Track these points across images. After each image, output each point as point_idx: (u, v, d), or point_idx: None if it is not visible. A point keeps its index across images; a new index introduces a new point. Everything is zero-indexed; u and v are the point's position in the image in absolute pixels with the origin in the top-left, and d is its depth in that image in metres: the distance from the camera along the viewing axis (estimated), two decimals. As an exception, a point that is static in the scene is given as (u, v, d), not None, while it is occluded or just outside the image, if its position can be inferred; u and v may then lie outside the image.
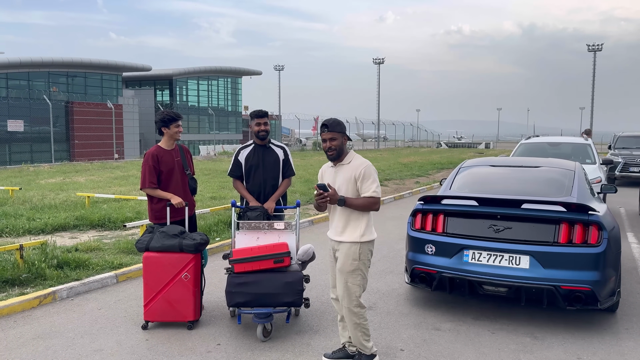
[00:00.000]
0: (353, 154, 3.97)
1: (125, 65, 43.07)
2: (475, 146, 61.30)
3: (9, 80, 36.18)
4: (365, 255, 3.83)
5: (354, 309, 3.82)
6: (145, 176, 4.96)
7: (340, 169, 3.91)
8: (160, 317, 4.69)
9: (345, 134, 3.92)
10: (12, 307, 5.01)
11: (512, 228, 4.80)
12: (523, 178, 5.68)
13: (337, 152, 3.87)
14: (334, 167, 3.96)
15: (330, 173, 3.99)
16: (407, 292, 5.77)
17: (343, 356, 4.07)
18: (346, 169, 3.88)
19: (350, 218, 3.83)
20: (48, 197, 11.84)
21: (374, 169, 3.90)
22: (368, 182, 3.80)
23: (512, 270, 4.68)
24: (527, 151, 11.39)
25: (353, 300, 3.81)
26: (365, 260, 3.84)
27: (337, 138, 3.85)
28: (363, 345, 3.89)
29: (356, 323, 3.84)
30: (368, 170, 3.82)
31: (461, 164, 6.37)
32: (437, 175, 20.73)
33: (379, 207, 3.83)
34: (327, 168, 4.04)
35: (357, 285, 3.82)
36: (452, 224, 5.03)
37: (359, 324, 3.84)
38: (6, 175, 18.69)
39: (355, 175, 3.82)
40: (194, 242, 4.65)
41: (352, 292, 3.81)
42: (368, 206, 3.79)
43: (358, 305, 3.82)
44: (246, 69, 56.61)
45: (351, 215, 3.83)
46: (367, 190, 3.80)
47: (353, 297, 3.81)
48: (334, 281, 4.03)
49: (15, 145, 34.65)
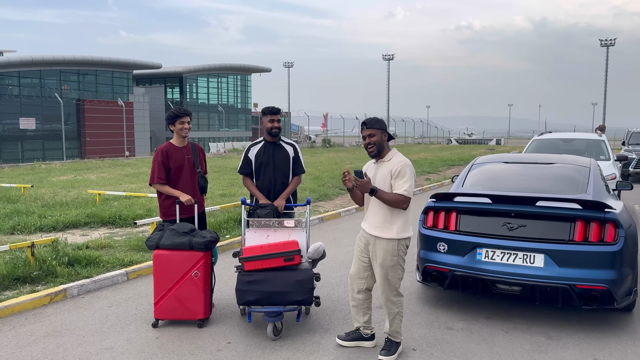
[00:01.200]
0: (395, 152, 4.09)
1: (136, 63, 43.22)
2: (486, 142, 60.89)
3: (21, 79, 36.47)
4: (403, 250, 4.01)
5: (393, 298, 4.04)
6: (154, 172, 4.96)
7: (381, 165, 4.05)
8: (171, 315, 4.67)
9: (386, 131, 4.04)
10: (23, 304, 5.02)
11: (527, 226, 4.72)
12: (537, 175, 5.59)
13: (377, 148, 4.00)
14: (376, 163, 4.12)
15: (372, 169, 4.14)
16: (419, 290, 5.70)
17: (357, 337, 4.28)
18: (385, 166, 4.01)
19: (387, 215, 3.95)
20: (59, 195, 11.90)
21: (412, 169, 3.97)
22: (401, 181, 3.90)
23: (526, 269, 4.60)
24: (540, 148, 11.26)
25: (393, 290, 4.03)
26: (402, 255, 4.02)
27: (375, 134, 3.99)
28: (398, 332, 4.11)
29: (395, 312, 4.05)
30: (404, 169, 3.92)
31: (473, 160, 6.28)
32: (447, 172, 20.58)
33: (406, 206, 3.92)
34: (370, 164, 4.19)
35: (397, 278, 4.03)
36: (465, 222, 4.96)
37: (398, 312, 4.06)
38: (18, 172, 18.84)
39: (392, 171, 3.94)
40: (204, 239, 4.63)
41: (392, 283, 4.02)
42: (396, 203, 3.89)
43: (397, 294, 4.06)
44: (255, 66, 56.61)
45: (388, 212, 3.95)
46: (398, 188, 3.90)
47: (393, 287, 4.03)
48: (356, 268, 4.21)
49: (27, 143, 34.96)
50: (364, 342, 4.28)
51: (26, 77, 36.70)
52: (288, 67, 61.69)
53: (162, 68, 46.49)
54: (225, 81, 54.52)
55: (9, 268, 5.63)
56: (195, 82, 51.92)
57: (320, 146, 47.79)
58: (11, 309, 4.93)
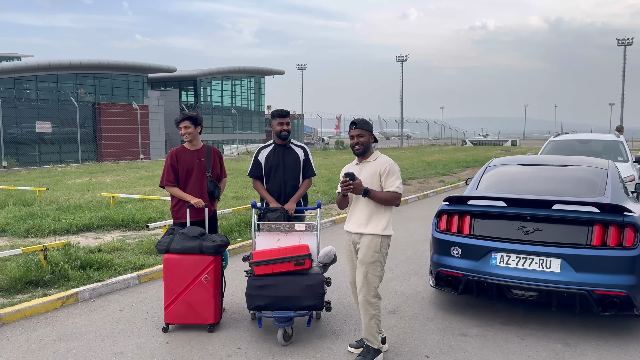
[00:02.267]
0: (378, 153, 4.19)
1: (151, 67, 43.62)
2: (501, 144, 60.30)
3: (39, 83, 37.03)
4: (384, 248, 4.04)
5: (371, 299, 3.97)
6: (163, 174, 5.02)
7: (365, 165, 4.13)
8: (181, 320, 4.65)
9: (372, 133, 4.16)
10: (35, 308, 5.03)
11: (543, 230, 4.61)
12: (553, 177, 5.46)
13: (363, 148, 4.09)
14: (359, 164, 4.18)
15: (355, 170, 4.16)
16: (432, 295, 5.61)
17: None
18: (371, 165, 4.10)
19: (374, 212, 4.02)
20: (74, 197, 12.00)
21: (398, 168, 4.11)
22: (392, 178, 4.01)
23: (542, 274, 4.49)
24: (556, 149, 11.06)
25: (371, 290, 3.98)
26: (384, 252, 4.04)
27: (364, 135, 4.09)
28: (374, 337, 3.99)
29: (372, 314, 3.97)
30: (393, 168, 4.04)
31: (488, 162, 6.17)
32: (462, 174, 20.39)
33: (399, 202, 4.05)
34: (352, 166, 4.24)
35: (376, 276, 4.00)
36: (479, 226, 4.86)
37: (374, 315, 3.97)
38: (35, 175, 19.07)
39: (380, 170, 4.03)
40: (214, 243, 4.59)
41: (371, 282, 3.98)
42: (390, 200, 3.99)
43: (375, 295, 3.99)
44: (269, 69, 56.78)
45: (375, 209, 4.01)
46: (390, 186, 4.00)
47: (372, 287, 3.98)
48: (353, 276, 4.18)
49: (44, 146, 35.45)
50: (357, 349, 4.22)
51: (43, 81, 37.25)
52: (301, 69, 61.77)
53: (176, 71, 46.88)
54: (239, 84, 54.78)
55: (21, 271, 5.66)
56: (209, 85, 52.24)
57: (333, 148, 47.73)
58: (23, 312, 4.94)
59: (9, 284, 5.51)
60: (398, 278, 6.24)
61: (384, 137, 64.88)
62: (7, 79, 34.75)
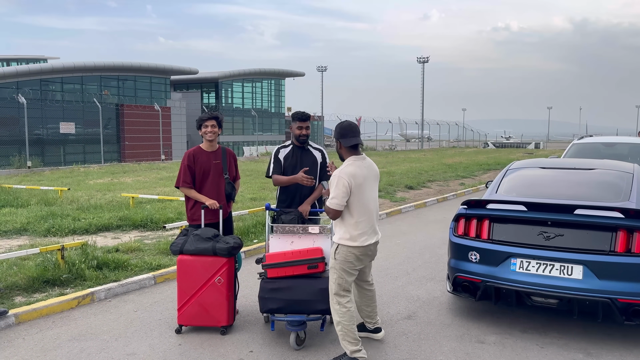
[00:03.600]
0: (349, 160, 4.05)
1: (173, 69, 44.11)
2: (524, 146, 59.38)
3: (64, 85, 37.75)
4: (342, 255, 3.98)
5: (334, 305, 4.02)
6: (180, 175, 4.97)
7: None
8: (194, 322, 4.62)
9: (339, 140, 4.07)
10: (51, 307, 5.07)
11: (564, 235, 4.46)
12: (576, 181, 5.31)
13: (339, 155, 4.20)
14: None
15: None
16: (449, 300, 5.49)
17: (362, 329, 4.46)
18: None
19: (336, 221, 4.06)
20: (95, 197, 12.14)
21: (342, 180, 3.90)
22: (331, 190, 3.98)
23: (563, 281, 4.35)
24: (580, 152, 10.78)
25: (332, 297, 4.03)
26: (341, 260, 3.98)
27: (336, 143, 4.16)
28: (344, 346, 3.99)
29: (336, 320, 4.00)
30: (333, 180, 3.97)
31: (509, 165, 6.03)
32: (483, 177, 20.10)
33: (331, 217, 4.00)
34: None
35: (333, 282, 4.03)
36: (499, 230, 4.73)
37: (339, 322, 3.98)
38: (58, 175, 19.40)
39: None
40: (227, 245, 4.56)
41: (331, 287, 4.05)
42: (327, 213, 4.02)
43: (337, 302, 4.00)
44: (289, 71, 56.90)
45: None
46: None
47: (332, 293, 4.03)
48: None
49: (69, 147, 36.13)
50: (370, 333, 4.49)
51: (68, 82, 37.97)
52: (321, 71, 61.77)
53: (198, 73, 47.31)
54: (260, 86, 55.03)
55: (39, 271, 5.72)
56: (230, 87, 52.59)
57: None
58: (39, 311, 4.98)
59: (27, 283, 5.57)
60: (415, 282, 6.13)
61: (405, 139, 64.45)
62: (33, 81, 35.51)
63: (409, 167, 22.93)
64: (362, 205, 3.97)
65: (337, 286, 4.00)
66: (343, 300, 3.98)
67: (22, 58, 57.14)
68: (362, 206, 3.97)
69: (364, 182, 3.97)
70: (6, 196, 11.61)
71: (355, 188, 3.91)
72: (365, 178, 3.99)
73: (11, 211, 9.96)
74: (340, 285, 3.99)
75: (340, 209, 3.91)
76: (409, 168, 22.11)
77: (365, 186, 3.99)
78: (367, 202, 4.00)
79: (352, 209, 3.94)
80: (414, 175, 18.54)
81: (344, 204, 3.90)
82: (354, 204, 3.93)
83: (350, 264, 3.99)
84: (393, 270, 6.63)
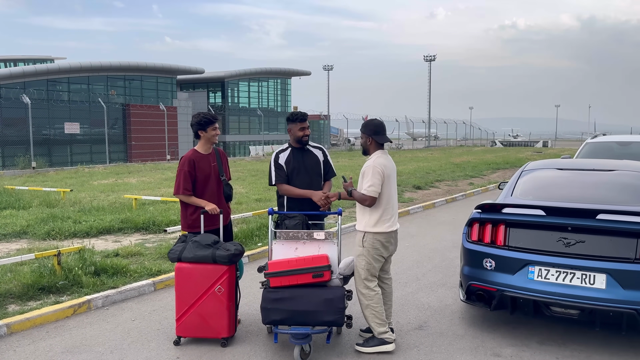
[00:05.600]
0: (377, 154, 4.30)
1: (180, 68, 44.01)
2: (532, 144, 58.78)
3: (71, 85, 37.74)
4: (369, 243, 4.21)
5: (361, 289, 4.21)
6: (179, 182, 4.67)
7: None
8: (193, 333, 4.39)
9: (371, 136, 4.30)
10: (45, 316, 4.85)
11: (586, 242, 4.19)
12: (596, 183, 5.02)
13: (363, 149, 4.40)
14: None
15: None
16: (462, 309, 5.22)
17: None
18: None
19: (361, 210, 4.29)
20: (98, 199, 11.96)
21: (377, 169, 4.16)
22: (365, 180, 4.20)
23: (585, 291, 4.08)
24: (594, 151, 10.46)
25: (360, 282, 4.21)
26: (369, 247, 4.20)
27: (362, 137, 4.36)
28: (373, 327, 4.20)
29: (365, 304, 4.20)
30: (367, 170, 4.19)
31: (524, 166, 5.75)
32: (492, 176, 19.77)
33: (368, 204, 4.17)
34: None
35: (362, 268, 4.20)
36: (515, 236, 4.47)
37: (367, 305, 4.18)
38: (62, 176, 19.26)
39: (362, 171, 4.27)
40: (228, 252, 4.32)
41: (359, 273, 4.22)
42: (360, 201, 4.20)
43: (366, 287, 4.18)
44: (295, 70, 56.66)
45: (361, 207, 4.26)
46: (362, 187, 4.21)
47: (360, 279, 4.21)
48: None
49: (76, 147, 36.11)
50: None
51: (75, 83, 37.95)
52: (328, 70, 61.48)
53: (205, 73, 47.19)
54: (266, 85, 54.85)
55: (34, 277, 5.52)
56: (236, 87, 52.46)
57: (358, 149, 47.27)
58: (33, 321, 4.77)
59: (21, 290, 5.37)
60: (425, 289, 5.87)
61: (411, 137, 64.03)
62: (40, 81, 35.52)
63: (416, 166, 22.61)
64: (389, 195, 4.24)
65: (365, 272, 4.19)
66: (371, 284, 4.20)
67: (29, 58, 57.29)
68: (389, 195, 4.24)
69: (391, 173, 4.28)
70: (8, 198, 11.45)
71: (386, 178, 4.20)
72: (392, 170, 4.32)
73: (12, 213, 9.79)
74: (368, 271, 4.19)
75: (376, 196, 4.15)
76: (416, 167, 21.80)
77: (392, 177, 4.30)
78: (392, 192, 4.29)
79: (381, 197, 4.19)
80: (422, 175, 18.24)
81: (379, 190, 4.14)
82: (383, 192, 4.20)
83: (377, 250, 4.22)
84: (402, 276, 6.37)
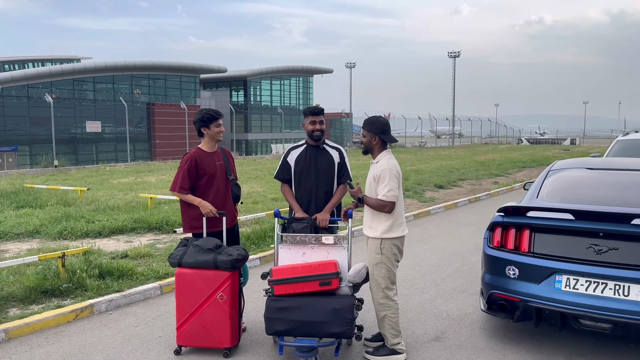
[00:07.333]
0: (384, 154, 4.02)
1: (202, 68, 44.28)
2: (559, 142, 57.37)
3: (96, 84, 38.28)
4: (387, 249, 3.94)
5: (380, 300, 3.96)
6: (177, 179, 4.44)
7: (371, 167, 4.10)
8: (194, 342, 4.15)
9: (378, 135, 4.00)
10: (45, 321, 4.68)
11: (619, 249, 3.82)
12: (630, 184, 4.61)
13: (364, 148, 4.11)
14: (372, 164, 4.11)
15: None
16: (483, 319, 4.88)
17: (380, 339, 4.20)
18: (373, 168, 4.04)
19: (375, 215, 3.99)
20: (115, 198, 11.90)
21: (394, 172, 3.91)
22: (382, 185, 3.90)
23: (618, 303, 3.71)
24: (626, 150, 9.88)
25: (379, 292, 3.96)
26: (388, 254, 3.95)
27: (366, 136, 4.04)
28: (387, 337, 3.98)
29: (383, 314, 3.96)
30: (384, 174, 3.91)
31: (550, 165, 5.36)
32: (518, 175, 19.18)
33: (389, 210, 3.90)
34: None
35: (381, 277, 3.95)
36: (541, 242, 4.11)
37: (385, 316, 3.95)
38: (83, 174, 19.38)
39: (375, 175, 3.97)
40: (230, 258, 4.07)
41: (378, 283, 3.96)
42: (377, 208, 3.92)
43: (385, 296, 3.95)
44: (317, 68, 56.44)
45: (375, 212, 3.98)
46: (379, 193, 3.92)
47: (379, 289, 3.96)
48: None
49: (100, 145, 36.61)
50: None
51: (100, 82, 38.50)
52: (350, 67, 61.08)
53: (227, 72, 47.38)
54: (288, 83, 54.79)
55: (38, 280, 5.36)
56: (259, 85, 52.53)
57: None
58: (32, 326, 4.60)
59: (24, 294, 5.21)
60: (444, 295, 5.54)
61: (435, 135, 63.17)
62: (66, 81, 36.09)
63: (439, 164, 22.12)
64: (400, 197, 4.04)
65: (386, 280, 3.97)
66: (391, 293, 3.98)
67: (55, 58, 58.41)
68: (400, 198, 4.04)
69: (400, 175, 4.05)
70: (26, 196, 11.46)
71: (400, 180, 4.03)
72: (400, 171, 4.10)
73: (28, 212, 9.75)
74: (389, 279, 3.98)
75: (396, 200, 3.91)
76: (438, 166, 21.31)
77: (401, 179, 4.06)
78: (401, 194, 4.07)
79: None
80: (444, 174, 17.79)
81: (397, 194, 3.92)
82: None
83: (395, 255, 4.03)
84: (420, 281, 6.05)
